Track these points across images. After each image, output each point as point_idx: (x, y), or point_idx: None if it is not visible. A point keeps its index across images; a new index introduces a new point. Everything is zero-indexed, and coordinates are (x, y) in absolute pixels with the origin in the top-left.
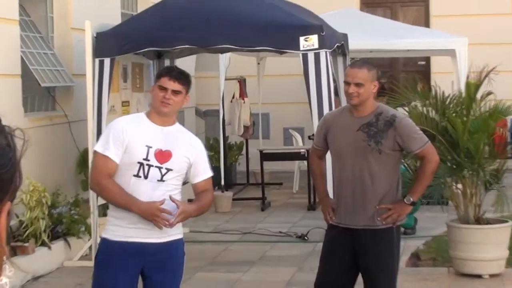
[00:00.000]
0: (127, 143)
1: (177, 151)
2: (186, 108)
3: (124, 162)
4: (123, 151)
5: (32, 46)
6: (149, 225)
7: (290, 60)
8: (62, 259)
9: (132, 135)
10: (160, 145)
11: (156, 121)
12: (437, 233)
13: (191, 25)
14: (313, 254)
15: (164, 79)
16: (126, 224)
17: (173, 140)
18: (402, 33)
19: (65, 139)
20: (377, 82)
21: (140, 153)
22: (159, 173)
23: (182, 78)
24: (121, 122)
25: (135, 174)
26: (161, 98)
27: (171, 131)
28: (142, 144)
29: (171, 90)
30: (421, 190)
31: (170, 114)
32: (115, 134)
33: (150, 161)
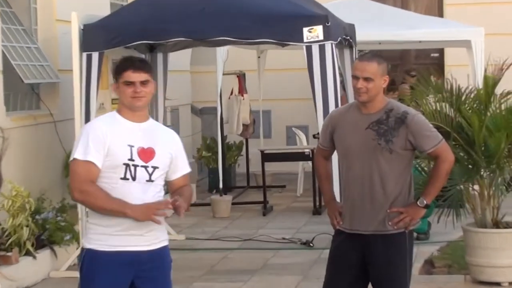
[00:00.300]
0: (109, 146)
1: (159, 147)
2: (181, 105)
3: (108, 165)
4: (104, 155)
5: (14, 40)
6: (140, 231)
7: (293, 53)
8: (48, 269)
9: (113, 136)
10: (141, 143)
11: (130, 117)
12: (452, 238)
13: (185, 16)
14: (319, 261)
15: (128, 73)
16: (114, 232)
17: (152, 136)
18: (414, 23)
19: (50, 140)
20: (388, 76)
21: (124, 154)
22: (147, 173)
23: (145, 67)
24: (98, 124)
25: (122, 177)
26: (132, 94)
27: (148, 127)
28: (124, 144)
29: (139, 82)
30: (435, 192)
31: (144, 107)
32: (95, 137)
33: (135, 161)
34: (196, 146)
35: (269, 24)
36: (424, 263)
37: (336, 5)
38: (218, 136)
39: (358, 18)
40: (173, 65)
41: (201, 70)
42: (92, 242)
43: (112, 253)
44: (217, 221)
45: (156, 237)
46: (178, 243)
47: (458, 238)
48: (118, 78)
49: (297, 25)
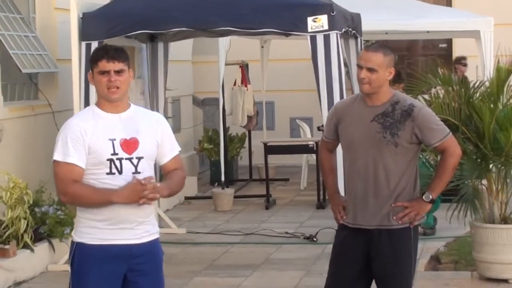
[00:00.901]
0: (89, 143)
1: (143, 135)
2: (182, 96)
3: (92, 163)
4: (86, 153)
5: (11, 28)
6: (131, 224)
7: (297, 43)
8: (46, 263)
9: (92, 133)
10: (122, 134)
11: (109, 109)
12: (459, 234)
13: (187, 5)
14: (322, 256)
15: (102, 62)
16: (106, 226)
17: (134, 125)
18: (422, 12)
19: (49, 131)
20: (393, 69)
21: (106, 149)
22: (132, 165)
23: (120, 56)
24: (75, 122)
25: (108, 172)
26: (107, 84)
27: (129, 116)
28: (105, 139)
29: (113, 71)
30: (441, 187)
31: (121, 98)
32: (73, 137)
33: (119, 154)
34: (198, 138)
35: (273, 13)
36: (430, 259)
37: None
38: (220, 128)
39: (364, 7)
40: (174, 55)
41: (203, 60)
42: (82, 236)
43: (103, 247)
44: (219, 215)
45: (147, 231)
46: (179, 237)
47: (465, 233)
48: (94, 68)
49: (301, 14)
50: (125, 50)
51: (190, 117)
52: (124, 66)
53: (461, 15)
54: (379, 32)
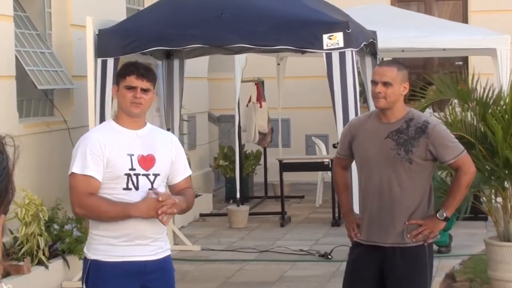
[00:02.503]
0: (108, 157)
1: (159, 153)
2: (198, 113)
3: (109, 177)
4: (104, 167)
5: (27, 45)
6: (146, 241)
7: (312, 60)
8: (61, 280)
9: (111, 147)
10: (140, 150)
11: (128, 125)
12: (474, 252)
13: (203, 22)
14: (337, 274)
15: (131, 77)
16: (121, 242)
17: (151, 142)
18: (438, 30)
19: (64, 147)
20: (408, 84)
21: (124, 164)
22: (148, 181)
23: (149, 75)
24: (94, 136)
25: (124, 187)
26: (131, 99)
27: (146, 133)
28: (123, 154)
29: (140, 88)
30: (455, 205)
31: (141, 114)
32: (93, 150)
33: (136, 170)
34: (213, 154)
35: (288, 30)
36: (445, 277)
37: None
38: (236, 145)
39: (381, 24)
40: (190, 71)
41: (219, 77)
42: (97, 253)
43: (118, 264)
44: (234, 232)
45: (160, 247)
46: (194, 254)
47: (480, 251)
48: (120, 82)
49: (317, 31)
50: (154, 71)
51: (206, 134)
52: (150, 86)
53: (478, 32)
54: (396, 50)
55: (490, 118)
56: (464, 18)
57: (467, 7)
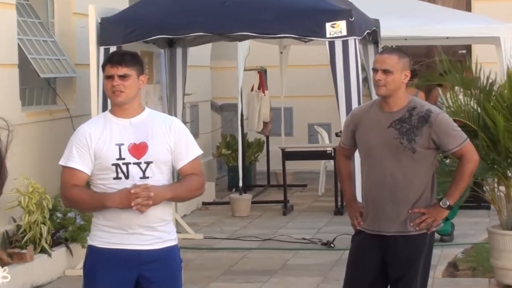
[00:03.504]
0: (95, 148)
1: (153, 139)
2: (201, 101)
3: (99, 168)
4: (91, 158)
5: (30, 33)
6: (140, 229)
7: (315, 48)
8: (64, 268)
9: (99, 138)
10: (132, 139)
11: (121, 114)
12: (477, 241)
13: (206, 10)
14: (339, 263)
15: (107, 67)
16: (115, 230)
17: (145, 129)
18: (441, 18)
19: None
20: (409, 72)
21: (111, 154)
22: (140, 170)
23: (125, 61)
24: (83, 128)
25: (114, 177)
26: (111, 88)
27: (141, 120)
28: (111, 144)
29: (116, 76)
30: (458, 193)
31: (126, 101)
32: (78, 142)
33: (126, 159)
34: (216, 143)
35: (291, 18)
36: (448, 265)
37: None
38: (239, 133)
39: (383, 12)
40: (192, 60)
41: (222, 65)
42: (94, 239)
43: (111, 251)
44: (236, 220)
45: (159, 237)
46: (196, 242)
47: (483, 240)
48: (103, 74)
49: (319, 20)
50: (134, 55)
51: (209, 123)
52: (129, 71)
53: (481, 21)
54: (398, 38)
55: (490, 108)
56: (467, 6)
57: None
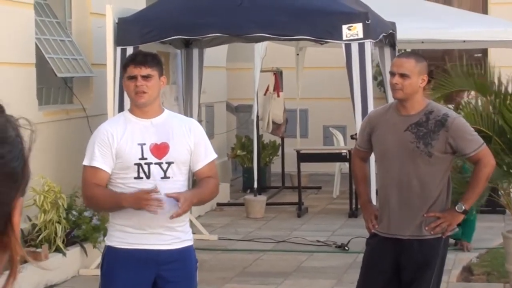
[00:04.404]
0: (117, 147)
1: (174, 140)
2: (216, 102)
3: (120, 167)
4: (113, 157)
5: (48, 33)
6: (159, 230)
7: (332, 51)
8: (78, 267)
9: (121, 137)
10: (153, 139)
11: (141, 115)
12: (492, 245)
13: (223, 11)
14: (354, 265)
15: (130, 67)
16: (134, 230)
17: (166, 130)
18: (458, 21)
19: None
20: (426, 76)
21: (134, 154)
22: (161, 170)
23: (148, 61)
24: (104, 127)
25: (135, 177)
26: (134, 89)
27: (162, 121)
28: (133, 144)
29: (140, 76)
30: (474, 197)
31: (148, 103)
32: (100, 141)
33: (148, 159)
34: (231, 144)
35: (308, 20)
36: (463, 270)
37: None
38: (254, 135)
39: (400, 15)
40: (209, 61)
41: (238, 66)
42: (112, 239)
43: (130, 251)
44: (251, 222)
45: (177, 237)
46: (211, 243)
47: (498, 245)
48: (124, 74)
49: (336, 22)
50: (156, 56)
51: (224, 123)
52: (152, 72)
53: (498, 24)
54: (415, 41)
55: (506, 112)
56: (484, 9)
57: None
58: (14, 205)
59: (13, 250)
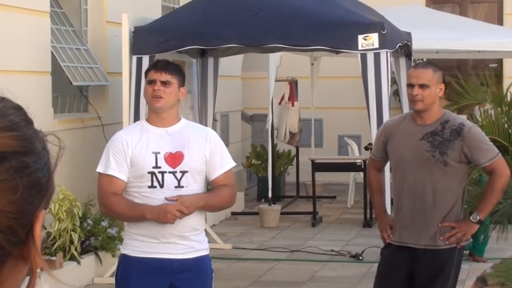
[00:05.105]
0: (132, 155)
1: (189, 150)
2: (231, 112)
3: (134, 175)
4: (128, 166)
5: (63, 41)
6: (174, 239)
7: (347, 60)
8: (92, 275)
9: (135, 146)
10: (168, 148)
11: (158, 123)
12: (506, 256)
13: (238, 21)
14: (368, 275)
15: (151, 72)
16: (149, 239)
17: (181, 139)
18: (473, 32)
19: (98, 144)
20: (443, 85)
21: (148, 162)
22: (175, 179)
23: (169, 68)
24: (120, 135)
25: (149, 185)
26: (151, 93)
27: (178, 130)
28: (148, 152)
29: (159, 81)
30: (489, 208)
31: (165, 109)
32: (115, 149)
33: (162, 167)
34: (246, 153)
35: (324, 31)
36: (477, 280)
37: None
38: (269, 144)
39: (415, 25)
40: (224, 70)
41: (253, 76)
42: (127, 248)
43: (145, 260)
44: (265, 231)
45: (191, 247)
46: (225, 252)
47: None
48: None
49: (352, 32)
50: (178, 66)
51: (239, 133)
52: (171, 79)
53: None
54: (430, 51)
55: None
56: (499, 20)
57: (503, 9)
58: (37, 216)
59: (33, 261)
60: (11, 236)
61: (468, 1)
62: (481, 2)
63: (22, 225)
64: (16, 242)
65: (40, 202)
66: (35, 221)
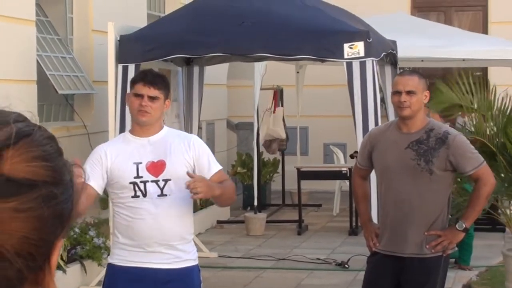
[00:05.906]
0: (111, 167)
1: (171, 157)
2: (217, 120)
3: (117, 187)
4: (102, 175)
5: (49, 49)
6: (159, 248)
7: (332, 68)
8: (78, 284)
9: (116, 157)
10: (150, 157)
11: (139, 133)
12: (492, 264)
13: (224, 30)
14: (354, 283)
15: (139, 85)
16: (133, 249)
17: (163, 147)
18: (458, 40)
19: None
20: (428, 92)
21: (129, 173)
22: (158, 188)
23: (158, 83)
24: (101, 147)
25: (132, 195)
26: (138, 107)
27: (160, 138)
28: (129, 163)
29: (147, 96)
30: (475, 216)
31: (149, 122)
32: (93, 159)
33: (144, 177)
34: (231, 162)
35: (309, 39)
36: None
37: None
38: (254, 152)
39: (400, 33)
40: (209, 78)
41: (238, 84)
42: (114, 257)
43: (129, 269)
44: (251, 239)
45: (178, 256)
46: (210, 261)
47: (498, 263)
48: (131, 89)
49: (337, 41)
50: (165, 79)
51: (224, 141)
52: (159, 94)
53: (498, 43)
54: (415, 59)
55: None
56: (484, 28)
57: (487, 18)
58: (56, 245)
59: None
60: (30, 262)
61: (453, 9)
62: (466, 10)
63: (42, 253)
64: (34, 268)
65: (61, 232)
66: (53, 250)
